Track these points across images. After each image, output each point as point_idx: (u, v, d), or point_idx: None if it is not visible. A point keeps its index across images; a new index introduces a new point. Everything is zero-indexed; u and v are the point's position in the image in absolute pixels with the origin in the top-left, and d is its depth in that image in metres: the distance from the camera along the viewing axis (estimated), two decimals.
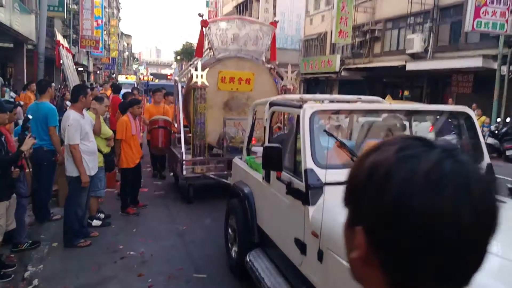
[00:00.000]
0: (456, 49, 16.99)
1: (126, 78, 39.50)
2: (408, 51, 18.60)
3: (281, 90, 7.52)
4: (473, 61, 14.93)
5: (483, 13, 13.34)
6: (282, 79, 7.81)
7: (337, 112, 4.34)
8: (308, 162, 2.95)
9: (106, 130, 5.96)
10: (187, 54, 47.36)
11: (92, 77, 33.56)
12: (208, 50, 8.00)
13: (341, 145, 3.25)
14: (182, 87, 7.72)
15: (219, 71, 7.18)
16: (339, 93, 24.75)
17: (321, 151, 3.27)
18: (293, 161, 3.23)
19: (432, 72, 17.45)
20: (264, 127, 4.04)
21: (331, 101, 5.31)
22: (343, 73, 23.44)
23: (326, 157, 3.23)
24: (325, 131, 3.64)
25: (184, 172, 6.68)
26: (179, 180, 7.14)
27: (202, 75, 6.74)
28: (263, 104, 4.48)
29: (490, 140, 12.29)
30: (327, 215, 2.53)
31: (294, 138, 3.29)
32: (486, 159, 3.36)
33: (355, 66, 22.69)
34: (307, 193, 2.86)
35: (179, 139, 7.10)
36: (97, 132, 5.51)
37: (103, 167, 5.80)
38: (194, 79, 6.72)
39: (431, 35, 18.26)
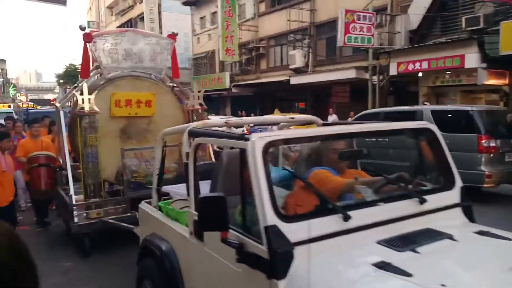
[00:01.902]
0: (332, 62, 18.51)
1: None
2: (291, 66, 19.76)
3: (188, 111, 6.64)
4: (348, 73, 16.40)
5: (352, 29, 14.65)
6: (188, 98, 6.81)
7: (298, 140, 3.05)
8: (269, 216, 2.06)
9: None
10: (70, 77, 44.43)
11: None
12: (96, 69, 6.62)
13: (307, 185, 2.46)
14: (68, 113, 6.72)
15: (112, 94, 6.16)
16: (232, 109, 25.29)
17: (281, 197, 2.48)
18: (242, 213, 2.30)
19: (313, 85, 18.74)
20: (186, 165, 2.90)
21: (258, 125, 4.16)
22: (233, 90, 24.04)
23: (288, 205, 2.51)
24: (284, 168, 2.88)
25: (76, 219, 5.48)
26: (72, 228, 5.73)
27: (89, 99, 5.65)
28: (176, 133, 3.74)
29: None
30: None
31: (240, 179, 2.31)
32: (458, 182, 2.75)
33: (244, 83, 23.43)
34: (273, 262, 2.01)
35: (67, 177, 5.85)
36: None
37: None
38: (80, 105, 5.63)
39: (310, 50, 19.66)
